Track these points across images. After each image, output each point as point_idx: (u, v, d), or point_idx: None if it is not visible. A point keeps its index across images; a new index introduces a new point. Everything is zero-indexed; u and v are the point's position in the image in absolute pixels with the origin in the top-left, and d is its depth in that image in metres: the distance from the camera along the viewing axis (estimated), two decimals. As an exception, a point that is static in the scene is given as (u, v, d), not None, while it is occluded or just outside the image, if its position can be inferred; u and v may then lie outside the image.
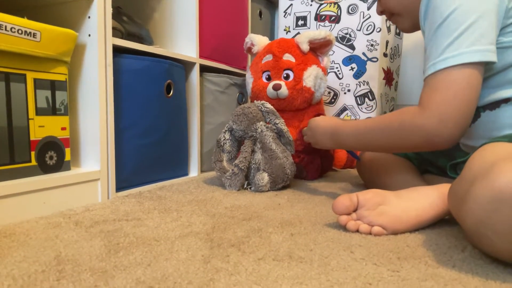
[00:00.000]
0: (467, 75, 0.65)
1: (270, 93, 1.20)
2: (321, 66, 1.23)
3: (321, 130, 0.92)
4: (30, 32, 0.73)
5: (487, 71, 0.69)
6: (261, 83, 1.23)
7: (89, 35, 0.85)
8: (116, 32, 0.94)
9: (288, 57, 1.21)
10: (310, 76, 1.19)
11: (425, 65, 0.72)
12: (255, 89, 1.25)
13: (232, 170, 1.00)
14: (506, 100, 0.70)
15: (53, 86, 0.81)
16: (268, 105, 1.08)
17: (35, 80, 0.77)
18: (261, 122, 1.04)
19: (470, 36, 0.65)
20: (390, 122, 0.75)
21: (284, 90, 1.18)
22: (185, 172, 1.21)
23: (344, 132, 0.85)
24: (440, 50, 0.68)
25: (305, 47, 1.19)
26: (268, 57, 1.23)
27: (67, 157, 0.85)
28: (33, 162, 0.77)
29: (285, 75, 1.21)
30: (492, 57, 0.66)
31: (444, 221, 0.72)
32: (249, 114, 1.04)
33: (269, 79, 1.23)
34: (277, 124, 1.06)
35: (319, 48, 1.23)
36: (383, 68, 1.55)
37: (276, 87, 1.18)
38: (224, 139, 1.08)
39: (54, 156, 0.81)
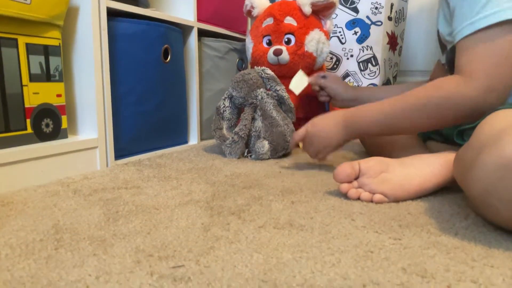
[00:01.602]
0: (510, 34, 0.60)
1: (270, 58, 1.17)
2: (324, 30, 1.19)
3: (329, 125, 0.81)
4: (19, -6, 0.69)
5: None
6: (261, 48, 1.20)
7: (82, -3, 0.82)
8: (110, -6, 0.90)
9: (289, 20, 1.16)
10: (312, 41, 1.16)
11: (458, 25, 0.66)
12: (255, 55, 1.21)
13: (232, 138, 0.99)
14: None
15: (47, 51, 0.78)
16: (269, 71, 1.05)
17: (27, 45, 0.74)
18: (261, 89, 1.02)
19: None
20: (426, 98, 0.68)
21: (285, 56, 1.15)
22: (184, 140, 1.20)
23: (364, 119, 0.76)
24: (477, 8, 0.62)
25: (307, 9, 1.15)
26: (269, 21, 1.19)
27: (64, 124, 0.83)
28: (29, 130, 0.76)
29: (286, 40, 1.17)
30: None
31: (447, 189, 0.71)
32: (249, 80, 1.01)
33: (269, 43, 1.19)
34: (278, 90, 1.03)
35: (321, 10, 1.18)
36: (387, 32, 1.51)
37: (277, 52, 1.14)
38: (224, 107, 1.06)
39: (50, 123, 0.80)
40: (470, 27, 0.64)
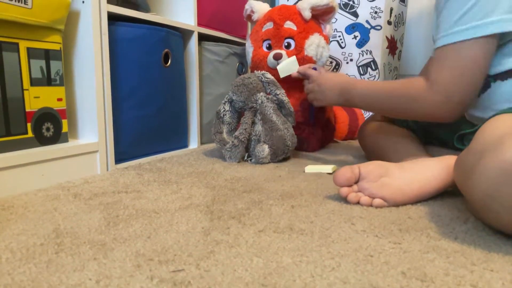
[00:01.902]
0: (477, 51, 0.65)
1: (270, 62, 1.17)
2: (324, 34, 1.19)
3: (330, 84, 0.92)
4: (20, -1, 0.70)
5: (501, 39, 0.66)
6: (261, 52, 1.20)
7: (83, 2, 0.82)
8: (110, -1, 0.90)
9: (289, 24, 1.17)
10: (312, 45, 1.16)
11: (436, 35, 0.71)
12: (255, 59, 1.21)
13: (232, 142, 0.99)
14: None
15: (48, 55, 0.78)
16: (269, 75, 1.05)
17: (28, 49, 0.74)
18: (261, 93, 1.02)
19: (483, 7, 0.63)
20: (399, 90, 0.76)
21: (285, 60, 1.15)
22: (184, 144, 1.20)
23: (355, 91, 0.86)
24: (452, 21, 0.66)
25: (307, 14, 1.15)
26: (269, 25, 1.19)
27: (64, 128, 0.83)
28: (30, 134, 0.76)
29: (286, 44, 1.17)
30: (507, 26, 0.63)
31: (446, 193, 0.71)
32: (249, 84, 1.01)
33: (269, 48, 1.20)
34: (277, 95, 1.04)
35: (321, 15, 1.18)
36: (386, 37, 1.52)
37: (277, 56, 1.15)
38: (224, 111, 1.06)
39: (51, 127, 0.80)
40: (443, 39, 0.69)
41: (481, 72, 0.67)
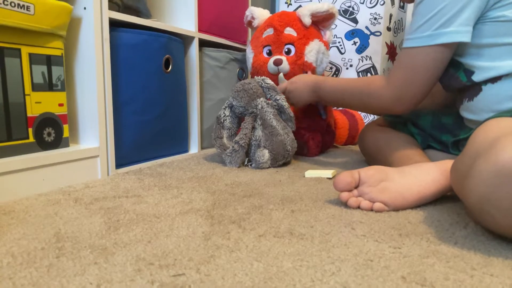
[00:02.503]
0: (430, 57, 0.72)
1: (271, 68, 1.18)
2: (323, 40, 1.20)
3: (302, 84, 1.01)
4: (23, 5, 0.70)
5: (490, 45, 0.69)
6: (261, 58, 1.21)
7: (85, 8, 0.83)
8: (112, 5, 0.91)
9: (289, 31, 1.18)
10: (312, 51, 1.17)
11: (405, 35, 0.79)
12: (255, 64, 1.22)
13: (233, 147, 0.99)
14: (508, 74, 0.69)
15: (49, 61, 0.79)
16: (269, 81, 1.06)
17: (30, 55, 0.75)
18: (261, 98, 1.02)
19: (441, 19, 0.69)
20: (361, 87, 0.85)
21: (285, 65, 1.16)
22: (185, 149, 1.20)
23: (324, 88, 0.96)
24: (414, 27, 0.73)
25: (307, 20, 1.16)
26: (269, 31, 1.20)
27: (65, 133, 0.83)
28: (31, 139, 0.76)
29: (286, 50, 1.18)
30: (461, 37, 0.69)
31: (446, 198, 0.71)
32: (250, 90, 1.02)
33: (270, 54, 1.21)
34: (277, 100, 1.04)
35: (321, 21, 1.19)
36: (386, 43, 1.52)
37: (277, 62, 1.15)
38: (224, 116, 1.06)
39: (52, 132, 0.80)
40: (404, 43, 0.76)
41: (431, 76, 0.74)
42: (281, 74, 1.14)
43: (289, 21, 1.19)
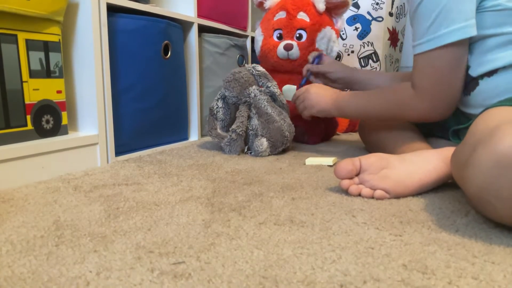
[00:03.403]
0: (450, 56, 0.70)
1: (280, 53, 1.15)
2: (335, 28, 1.18)
3: (323, 96, 0.96)
4: (18, -11, 0.69)
5: (484, 36, 0.69)
6: (271, 41, 1.18)
7: (82, -7, 0.81)
8: (109, -10, 0.89)
9: (302, 16, 1.15)
10: (324, 39, 1.14)
11: (413, 41, 0.76)
12: (264, 48, 1.19)
13: (230, 136, 0.99)
14: (504, 67, 0.68)
15: (46, 47, 0.78)
16: (260, 68, 1.04)
17: (27, 41, 0.74)
18: (253, 86, 1.01)
19: (446, 17, 0.68)
20: (388, 101, 0.83)
21: (295, 51, 1.14)
22: (185, 137, 1.20)
23: (346, 102, 0.92)
24: (422, 31, 0.72)
25: (321, 6, 1.13)
26: (281, 14, 1.17)
27: (64, 121, 0.83)
28: (29, 126, 0.76)
29: (297, 35, 1.15)
30: (471, 32, 0.68)
31: (447, 185, 0.71)
32: (241, 79, 1.00)
33: (280, 38, 1.17)
34: (269, 87, 1.03)
35: (334, 8, 1.16)
36: (388, 28, 1.50)
37: (288, 47, 1.13)
38: (217, 107, 1.05)
39: (50, 120, 0.80)
40: (416, 48, 0.74)
41: (458, 74, 0.72)
42: (293, 87, 1.12)
43: (303, 5, 1.15)
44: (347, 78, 1.06)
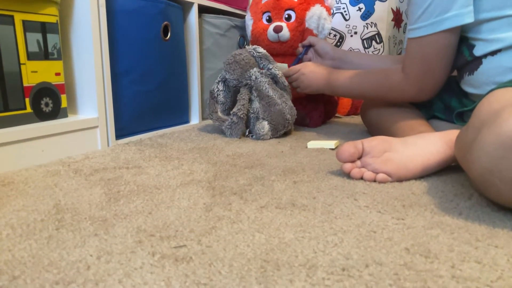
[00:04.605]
0: (440, 44, 0.73)
1: (271, 35, 1.14)
2: (325, 5, 1.16)
3: (317, 73, 1.01)
4: (13, -32, 0.67)
5: (486, 19, 0.69)
6: (261, 25, 1.17)
7: (78, -28, 0.79)
8: (107, -31, 0.87)
9: (290, -5, 1.13)
10: (313, 17, 1.13)
11: (408, 25, 0.79)
12: (255, 32, 1.18)
13: (231, 119, 0.98)
14: (508, 47, 0.68)
15: (44, 28, 0.76)
16: (261, 50, 1.02)
17: (24, 22, 0.72)
18: (254, 69, 0.99)
19: (440, 4, 0.69)
20: (380, 82, 0.87)
21: (285, 32, 1.12)
22: (186, 120, 1.19)
23: (339, 81, 0.96)
24: (415, 17, 0.74)
25: None
26: None
27: (64, 103, 0.82)
28: (28, 109, 0.75)
29: (286, 16, 1.13)
30: (464, 19, 0.69)
31: (450, 168, 0.70)
32: (241, 61, 0.99)
33: (269, 20, 1.16)
34: (270, 69, 1.01)
35: (323, -15, 1.15)
36: (392, 9, 1.47)
37: (277, 29, 1.12)
38: (218, 90, 1.04)
39: (49, 102, 0.79)
40: (409, 33, 0.77)
41: (446, 61, 0.75)
42: (285, 65, 1.10)
43: None
44: (337, 59, 1.08)
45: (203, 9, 1.22)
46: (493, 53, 0.70)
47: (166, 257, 0.39)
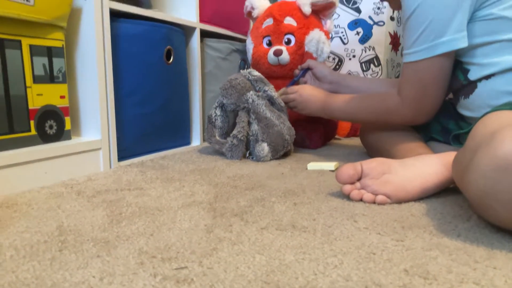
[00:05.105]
0: (435, 68, 0.74)
1: (271, 59, 1.16)
2: (324, 29, 1.19)
3: (313, 98, 1.02)
4: (22, -4, 0.70)
5: (479, 44, 0.71)
6: (261, 49, 1.19)
7: (85, -1, 0.82)
8: (112, -4, 0.90)
9: (289, 20, 1.16)
10: (312, 41, 1.15)
11: (403, 50, 0.80)
12: (255, 56, 1.21)
13: (231, 141, 0.99)
14: (501, 71, 0.70)
15: (50, 52, 0.78)
16: (255, 73, 1.05)
17: (31, 46, 0.75)
18: (251, 92, 1.01)
19: (434, 30, 0.71)
20: (376, 106, 0.88)
21: (285, 56, 1.15)
22: (187, 141, 1.20)
23: (335, 105, 0.97)
24: (410, 42, 0.75)
25: (307, 9, 1.15)
26: (269, 21, 1.19)
27: (67, 126, 0.83)
28: (33, 132, 0.76)
29: (286, 40, 1.16)
30: (458, 44, 0.71)
31: (449, 190, 0.71)
32: (237, 85, 1.01)
33: (270, 44, 1.19)
34: (266, 91, 1.03)
35: (321, 10, 1.18)
36: (389, 33, 1.51)
37: (277, 53, 1.14)
38: (216, 115, 1.06)
39: (54, 125, 0.80)
40: (405, 57, 0.78)
41: (442, 84, 0.77)
42: (284, 89, 1.12)
43: (289, 10, 1.17)
44: (334, 82, 1.09)
45: (205, 34, 1.25)
46: (487, 77, 0.72)
47: (168, 278, 0.40)
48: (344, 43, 1.53)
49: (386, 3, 1.44)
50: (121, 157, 0.93)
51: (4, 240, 0.48)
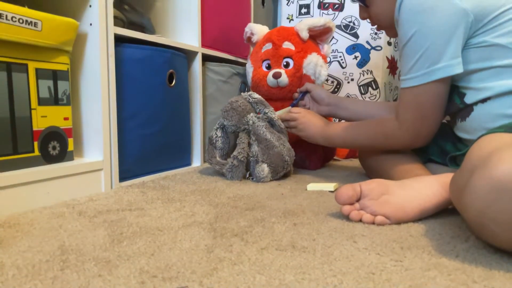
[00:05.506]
0: (432, 93, 0.76)
1: (270, 81, 1.19)
2: (321, 53, 1.22)
3: (313, 125, 1.04)
4: (31, 22, 0.72)
5: (473, 70, 0.73)
6: (261, 72, 1.22)
7: (91, 24, 0.85)
8: (117, 21, 0.93)
9: (287, 45, 1.19)
10: (310, 64, 1.18)
11: (400, 76, 0.83)
12: (255, 78, 1.23)
13: (232, 162, 1.00)
14: (497, 95, 0.72)
15: (55, 76, 0.80)
16: (256, 95, 1.07)
17: (37, 70, 0.77)
18: (251, 114, 1.03)
19: (430, 56, 0.73)
20: (375, 132, 0.90)
21: (284, 78, 1.17)
22: (188, 162, 1.21)
23: (334, 132, 0.99)
24: (407, 68, 0.77)
25: (304, 34, 1.18)
26: (268, 46, 1.22)
27: (70, 147, 0.85)
28: (36, 153, 0.77)
29: (285, 63, 1.19)
30: (454, 70, 0.73)
31: (447, 211, 0.71)
32: (238, 108, 1.03)
33: (269, 67, 1.22)
34: (266, 113, 1.05)
35: (319, 35, 1.21)
36: (387, 57, 1.54)
37: (276, 75, 1.17)
38: (216, 137, 1.07)
39: (57, 146, 0.81)
40: (402, 83, 0.80)
41: (439, 109, 0.78)
42: (287, 108, 1.15)
43: (287, 35, 1.20)
44: (332, 105, 1.11)
45: (206, 58, 1.28)
46: (483, 100, 0.74)
47: (169, 297, 0.40)
48: (342, 67, 1.56)
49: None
50: (122, 178, 0.94)
51: (6, 259, 0.49)
